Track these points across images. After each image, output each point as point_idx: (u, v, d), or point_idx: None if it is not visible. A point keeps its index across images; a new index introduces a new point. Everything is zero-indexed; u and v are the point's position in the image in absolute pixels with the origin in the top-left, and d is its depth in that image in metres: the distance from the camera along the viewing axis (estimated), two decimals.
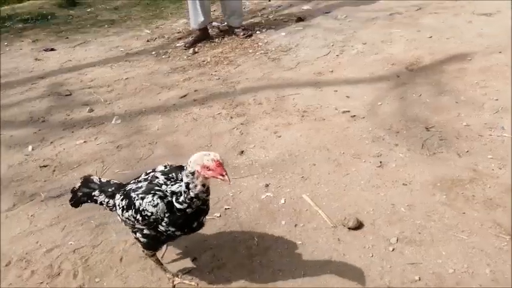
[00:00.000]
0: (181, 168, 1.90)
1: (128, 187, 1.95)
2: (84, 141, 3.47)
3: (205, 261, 2.27)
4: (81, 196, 2.13)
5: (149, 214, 1.81)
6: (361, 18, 5.26)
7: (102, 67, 4.88)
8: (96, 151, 3.32)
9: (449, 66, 3.81)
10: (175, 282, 2.14)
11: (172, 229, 1.84)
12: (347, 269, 2.12)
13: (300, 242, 2.31)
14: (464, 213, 2.35)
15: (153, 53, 5.16)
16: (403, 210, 2.42)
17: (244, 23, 5.50)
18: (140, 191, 1.86)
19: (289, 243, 2.31)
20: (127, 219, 1.91)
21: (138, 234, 1.94)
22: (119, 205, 1.94)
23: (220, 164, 1.65)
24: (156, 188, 1.84)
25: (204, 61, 4.76)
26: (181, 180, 1.77)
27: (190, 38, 5.30)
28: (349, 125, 3.27)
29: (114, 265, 2.30)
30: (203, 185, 1.73)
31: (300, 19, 5.60)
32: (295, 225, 2.43)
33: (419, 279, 2.02)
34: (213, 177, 1.68)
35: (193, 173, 1.69)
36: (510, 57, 3.70)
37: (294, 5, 6.24)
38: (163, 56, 5.03)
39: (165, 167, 1.96)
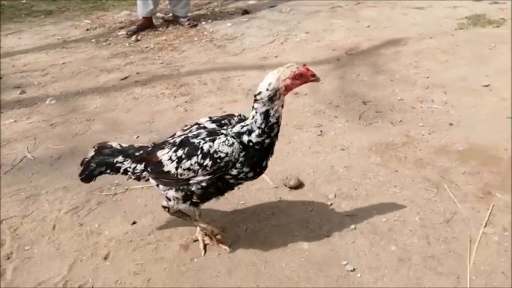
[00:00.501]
0: (231, 115, 1.81)
1: (177, 138, 1.73)
2: (15, 121, 3.27)
3: (146, 224, 2.20)
4: (96, 167, 1.87)
5: (223, 155, 1.63)
6: (305, 11, 5.43)
7: (37, 53, 4.65)
8: (27, 129, 3.13)
9: (386, 50, 4.03)
10: (205, 239, 2.02)
11: (247, 169, 1.69)
12: (287, 221, 2.14)
13: (243, 202, 2.31)
14: (397, 171, 2.47)
15: (93, 40, 5.00)
16: (341, 171, 2.50)
17: (189, 14, 5.49)
18: (204, 135, 1.69)
19: (232, 203, 2.30)
20: (185, 171, 1.68)
21: (194, 187, 1.72)
22: (169, 158, 1.70)
23: (308, 68, 1.64)
24: (218, 131, 1.70)
25: (147, 47, 4.68)
26: (239, 123, 1.71)
27: (133, 26, 5.20)
28: (293, 101, 3.34)
29: (46, 233, 2.17)
30: (282, 106, 1.67)
31: (245, 11, 5.68)
32: (238, 188, 2.41)
33: (355, 228, 2.09)
34: (305, 82, 1.66)
35: (273, 96, 1.60)
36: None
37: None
38: (103, 43, 4.88)
39: (210, 117, 1.80)
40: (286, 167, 2.56)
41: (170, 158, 1.71)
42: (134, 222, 2.22)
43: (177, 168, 1.69)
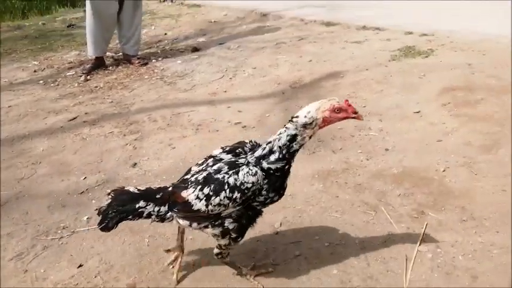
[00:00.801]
0: (242, 143, 1.87)
1: (199, 176, 1.76)
2: None
3: (92, 266, 2.18)
4: (116, 214, 1.79)
5: (249, 186, 1.67)
6: (252, 48, 5.68)
7: None
8: None
9: (326, 83, 4.28)
10: (252, 277, 2.02)
11: (272, 194, 1.75)
12: (236, 253, 2.19)
13: (190, 237, 2.35)
14: (337, 196, 2.61)
15: (41, 82, 4.95)
16: (287, 199, 2.60)
17: (140, 53, 5.59)
18: (226, 169, 1.72)
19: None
20: (215, 207, 1.70)
21: (226, 222, 1.76)
22: (197, 197, 1.72)
23: (350, 104, 1.65)
24: (237, 162, 1.73)
25: (96, 87, 4.70)
26: (250, 151, 1.78)
27: (86, 66, 5.22)
28: (241, 134, 3.46)
29: None
30: (310, 136, 1.69)
31: (195, 49, 5.85)
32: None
33: (300, 254, 2.18)
34: (344, 118, 1.66)
35: (309, 124, 1.64)
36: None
37: (189, 38, 6.52)
38: (51, 84, 4.85)
39: (223, 148, 1.86)
40: None
41: (198, 197, 1.73)
42: (80, 265, 2.19)
43: (207, 205, 1.72)
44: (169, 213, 1.83)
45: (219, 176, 1.71)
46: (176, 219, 1.84)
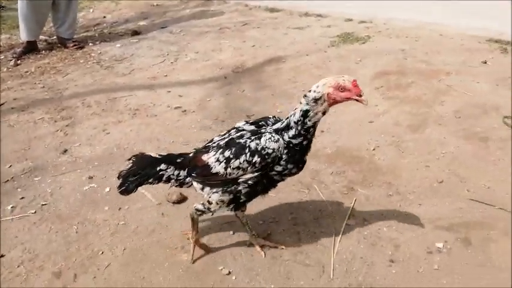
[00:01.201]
0: (266, 118, 1.88)
1: (221, 141, 1.81)
2: None
3: (15, 256, 2.06)
4: (137, 178, 1.86)
5: (270, 152, 1.70)
6: (195, 32, 5.58)
7: None
8: None
9: (268, 67, 4.31)
10: (261, 243, 2.06)
11: (290, 166, 1.77)
12: (168, 236, 2.18)
13: (123, 222, 2.29)
14: None
15: None
16: None
17: (76, 36, 5.31)
18: (249, 135, 1.76)
19: (111, 225, 2.27)
20: (234, 170, 1.73)
21: (241, 187, 1.79)
22: (217, 160, 1.76)
23: (357, 85, 1.61)
24: (260, 131, 1.77)
25: (27, 72, 4.42)
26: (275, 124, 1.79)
27: (16, 50, 4.87)
28: (180, 118, 3.41)
29: None
30: (324, 113, 1.70)
31: (135, 32, 5.65)
32: (119, 209, 2.40)
33: (233, 233, 2.20)
34: (348, 99, 1.62)
35: (318, 99, 1.64)
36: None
37: (130, 21, 6.28)
38: None
39: (247, 121, 1.88)
40: None
41: (218, 160, 1.76)
42: (2, 255, 2.07)
43: (226, 168, 1.75)
44: (188, 178, 1.88)
45: (241, 140, 1.75)
46: (193, 183, 1.89)
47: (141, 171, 1.87)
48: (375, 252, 2.06)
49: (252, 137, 1.75)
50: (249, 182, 1.79)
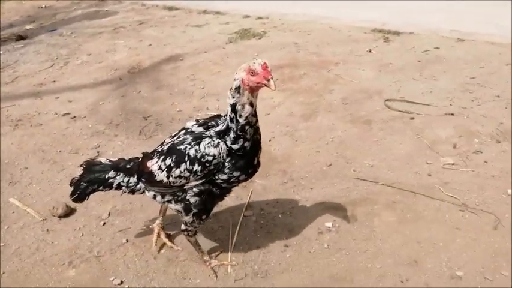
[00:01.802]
0: (218, 116, 1.74)
1: (165, 146, 1.70)
2: None
3: None
4: (87, 185, 1.78)
5: (210, 159, 1.60)
6: (87, 33, 5.27)
7: None
8: None
9: (166, 66, 4.21)
10: (212, 265, 1.94)
11: (237, 174, 1.65)
12: (54, 253, 2.02)
13: (2, 244, 2.08)
14: None
15: None
16: None
17: None
18: (189, 140, 1.63)
19: None
20: (177, 179, 1.64)
21: (189, 195, 1.69)
22: (160, 168, 1.67)
23: (266, 67, 1.50)
24: (204, 134, 1.65)
25: None
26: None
27: None
28: (69, 126, 3.19)
29: None
30: (251, 104, 1.55)
31: (20, 37, 5.19)
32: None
33: (127, 241, 2.11)
34: (258, 83, 1.51)
35: (238, 88, 1.53)
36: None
37: (15, 25, 5.76)
38: None
39: (197, 120, 1.77)
40: (57, 196, 2.42)
41: (160, 168, 1.68)
42: None
43: (168, 177, 1.66)
44: (139, 184, 1.78)
45: (182, 147, 1.65)
46: (145, 191, 1.79)
47: (92, 179, 1.79)
48: (270, 240, 2.12)
49: (192, 143, 1.64)
50: (195, 189, 1.69)
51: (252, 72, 1.52)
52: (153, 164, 1.72)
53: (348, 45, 4.49)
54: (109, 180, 1.79)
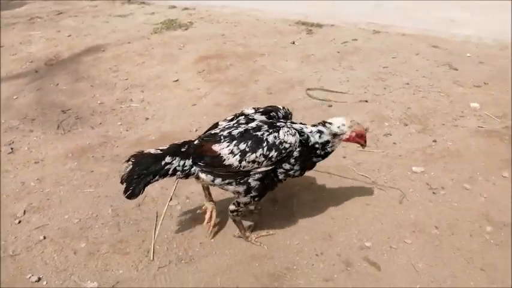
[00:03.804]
0: (275, 107, 1.95)
1: (232, 130, 1.75)
2: None
3: None
4: (142, 178, 1.71)
5: (287, 146, 1.72)
6: None
7: None
8: None
9: (86, 57, 4.05)
10: (253, 239, 2.03)
11: (297, 167, 1.81)
12: None
13: None
14: (92, 171, 2.53)
15: None
16: (33, 185, 2.39)
17: None
18: (265, 127, 1.74)
19: None
20: (249, 163, 1.70)
21: (251, 179, 1.76)
22: (231, 152, 1.70)
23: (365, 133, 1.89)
24: (276, 124, 1.78)
25: None
26: (284, 118, 1.91)
27: None
28: None
29: None
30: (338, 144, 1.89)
31: None
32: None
33: (44, 238, 2.04)
34: (357, 142, 1.91)
35: (338, 135, 1.85)
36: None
37: None
38: None
39: (255, 109, 1.88)
40: None
41: (232, 152, 1.70)
42: None
43: (240, 161, 1.69)
44: (194, 168, 1.77)
45: (258, 133, 1.71)
46: (199, 174, 1.78)
47: (145, 171, 1.73)
48: (196, 226, 2.16)
49: (270, 130, 1.74)
50: (258, 175, 1.76)
51: (359, 136, 1.90)
52: (223, 148, 1.74)
53: (273, 37, 4.63)
54: (166, 167, 1.76)
